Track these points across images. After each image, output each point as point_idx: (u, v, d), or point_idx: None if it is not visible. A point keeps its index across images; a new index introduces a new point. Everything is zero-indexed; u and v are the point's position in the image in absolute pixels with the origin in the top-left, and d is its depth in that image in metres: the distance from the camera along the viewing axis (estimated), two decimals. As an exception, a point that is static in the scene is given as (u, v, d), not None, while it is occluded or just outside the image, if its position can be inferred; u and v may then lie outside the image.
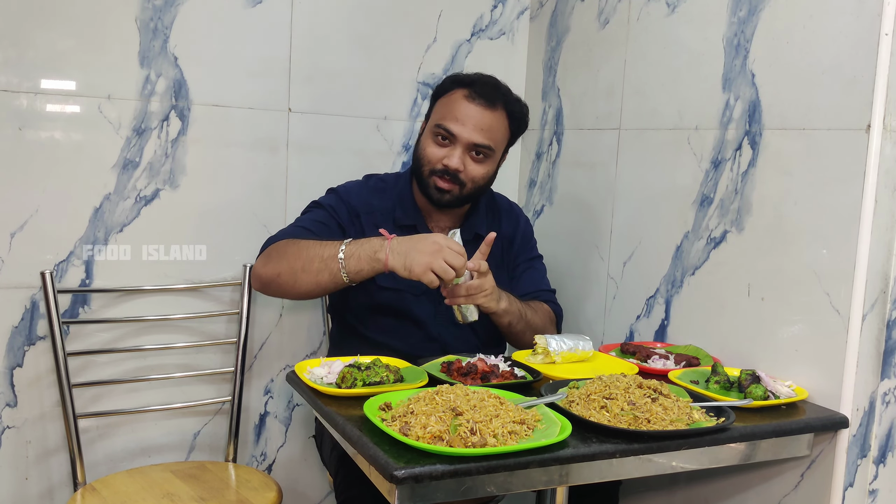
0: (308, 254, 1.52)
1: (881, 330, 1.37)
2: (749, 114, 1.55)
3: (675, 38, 1.73)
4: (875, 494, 1.41)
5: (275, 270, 1.56)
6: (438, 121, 1.66)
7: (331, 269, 1.49)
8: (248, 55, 1.89)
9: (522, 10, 2.21)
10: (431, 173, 1.66)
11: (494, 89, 1.68)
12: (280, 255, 1.56)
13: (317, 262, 1.51)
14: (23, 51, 1.67)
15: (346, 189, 1.75)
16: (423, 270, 1.43)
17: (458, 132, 1.64)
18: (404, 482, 1.02)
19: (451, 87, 1.70)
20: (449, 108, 1.66)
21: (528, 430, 1.13)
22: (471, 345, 1.73)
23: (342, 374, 1.33)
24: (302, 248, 1.54)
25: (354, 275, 1.49)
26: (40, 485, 1.80)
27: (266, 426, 2.03)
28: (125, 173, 1.79)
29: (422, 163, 1.68)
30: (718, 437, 1.22)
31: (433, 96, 1.75)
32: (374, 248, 1.48)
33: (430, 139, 1.67)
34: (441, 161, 1.65)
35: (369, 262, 1.47)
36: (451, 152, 1.65)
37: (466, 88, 1.67)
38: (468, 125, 1.64)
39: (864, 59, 1.32)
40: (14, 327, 1.74)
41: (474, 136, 1.64)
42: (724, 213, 1.60)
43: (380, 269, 1.48)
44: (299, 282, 1.53)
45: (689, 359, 1.56)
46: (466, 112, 1.64)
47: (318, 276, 1.51)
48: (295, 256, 1.53)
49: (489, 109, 1.65)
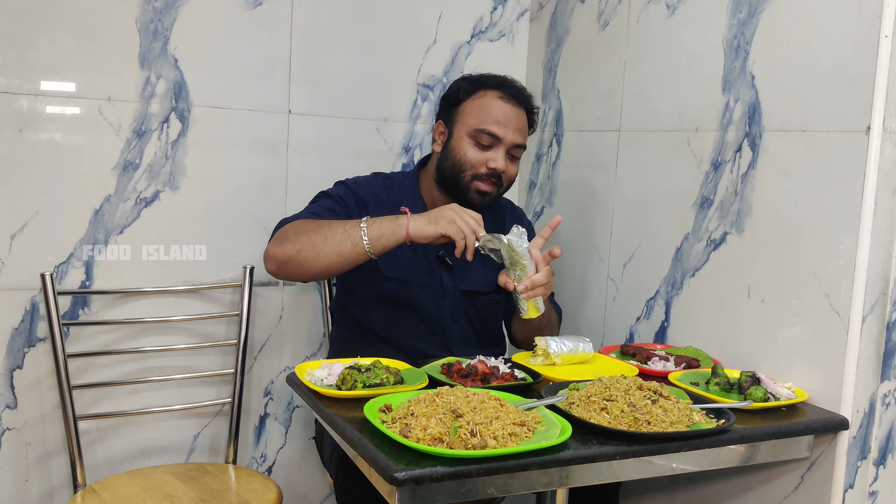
0: (329, 227, 1.53)
1: (881, 332, 1.37)
2: (749, 115, 1.55)
3: (675, 39, 1.73)
4: (875, 496, 1.41)
5: (293, 248, 1.54)
6: (478, 125, 1.66)
7: (353, 237, 1.50)
8: (249, 57, 1.89)
9: (522, 12, 2.21)
10: (475, 178, 1.67)
11: (520, 90, 1.72)
12: (298, 233, 1.55)
13: (339, 232, 1.51)
14: (23, 53, 1.68)
15: (356, 181, 1.75)
16: (447, 223, 1.46)
17: (503, 134, 1.65)
18: (404, 484, 1.02)
19: (475, 89, 1.70)
20: (486, 111, 1.67)
21: (528, 431, 1.13)
22: (471, 342, 1.73)
23: (342, 375, 1.33)
24: (322, 224, 1.55)
25: (376, 241, 1.49)
26: (40, 487, 1.80)
27: (266, 428, 2.03)
28: (125, 175, 1.79)
29: (463, 168, 1.67)
30: (718, 439, 1.22)
31: (450, 100, 1.74)
32: (396, 217, 1.51)
33: (468, 144, 1.67)
34: (485, 164, 1.66)
35: (391, 227, 1.49)
36: (496, 154, 1.66)
37: (497, 90, 1.69)
38: (510, 126, 1.66)
39: (864, 61, 1.32)
40: (14, 329, 1.74)
41: (516, 137, 1.67)
42: (724, 215, 1.60)
43: (401, 237, 1.48)
44: (320, 255, 1.52)
45: (689, 360, 1.56)
46: (506, 113, 1.66)
47: (341, 245, 1.50)
48: (315, 231, 1.53)
49: (521, 109, 1.69)
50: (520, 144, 1.69)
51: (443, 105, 1.77)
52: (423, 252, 1.71)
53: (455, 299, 1.72)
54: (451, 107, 1.73)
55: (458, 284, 1.72)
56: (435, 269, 1.71)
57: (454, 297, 1.72)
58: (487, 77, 1.72)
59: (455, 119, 1.71)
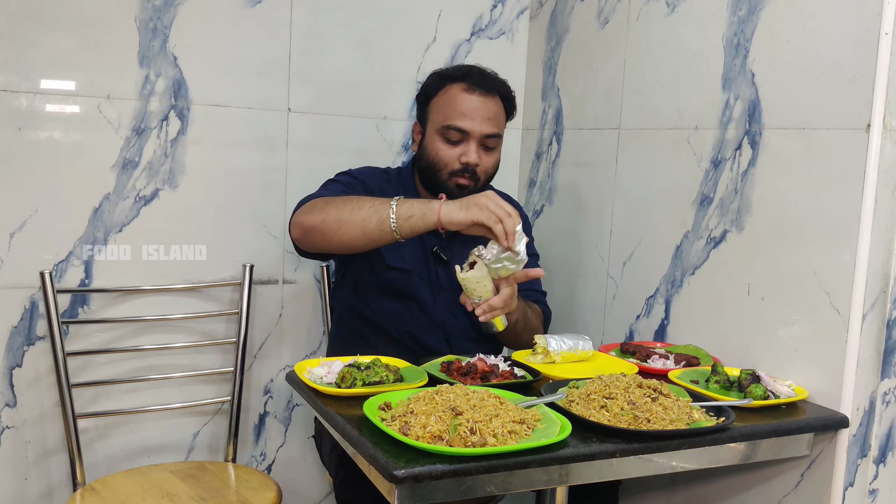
0: (358, 201, 1.49)
1: (881, 329, 1.37)
2: (749, 113, 1.54)
3: (675, 37, 1.73)
4: (875, 494, 1.41)
5: (319, 216, 1.51)
6: (444, 121, 1.65)
7: (380, 214, 1.45)
8: (248, 55, 1.89)
9: (522, 10, 2.20)
10: (451, 175, 1.65)
11: (486, 77, 1.68)
12: (327, 203, 1.53)
13: (367, 206, 1.47)
14: (22, 51, 1.67)
15: (359, 171, 1.75)
16: (479, 209, 1.39)
17: (470, 127, 1.63)
18: (404, 482, 1.02)
19: (441, 84, 1.69)
20: (452, 106, 1.65)
21: (527, 429, 1.13)
22: (470, 336, 1.73)
23: (342, 373, 1.33)
24: (352, 197, 1.53)
25: (404, 220, 1.43)
26: (40, 485, 1.80)
27: (266, 426, 2.03)
28: (125, 173, 1.79)
29: (438, 167, 1.66)
30: (718, 437, 1.22)
31: (422, 98, 1.73)
32: (429, 200, 1.45)
33: (438, 141, 1.66)
34: (457, 160, 1.64)
35: (421, 209, 1.43)
36: (466, 148, 1.64)
37: (462, 82, 1.66)
38: (477, 118, 1.63)
39: (864, 59, 1.32)
40: (13, 327, 1.74)
41: (485, 128, 1.64)
42: (723, 213, 1.60)
43: (431, 221, 1.42)
44: (344, 226, 1.48)
45: (688, 358, 1.55)
46: (471, 105, 1.64)
47: (366, 221, 1.46)
48: (344, 203, 1.50)
49: (489, 97, 1.66)
50: (491, 134, 1.65)
51: (417, 104, 1.76)
52: (420, 248, 1.71)
53: (452, 295, 1.72)
54: (423, 105, 1.73)
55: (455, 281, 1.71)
56: (431, 263, 1.71)
57: (451, 293, 1.72)
58: (453, 70, 1.70)
59: (427, 117, 1.71)
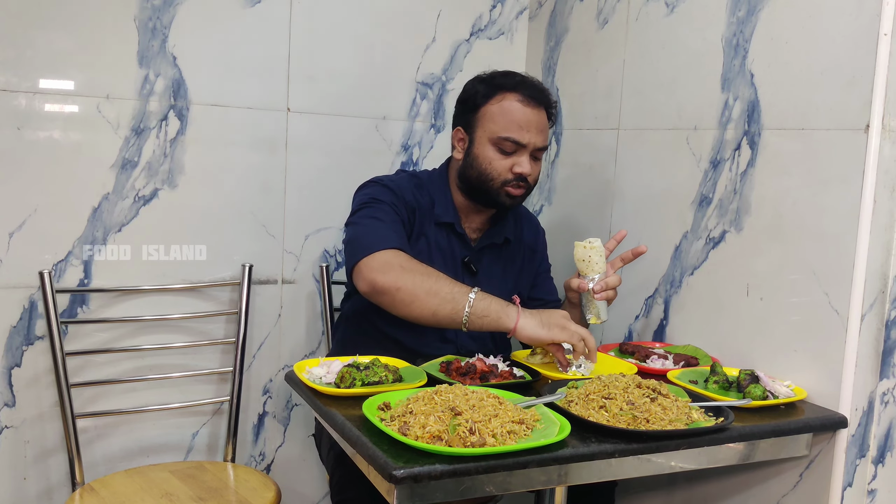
0: (437, 282, 1.48)
1: (880, 330, 1.37)
2: (748, 114, 1.55)
3: (674, 38, 1.73)
4: (874, 494, 1.41)
5: (396, 283, 1.48)
6: (501, 132, 1.62)
7: (455, 304, 1.45)
8: (247, 55, 1.89)
9: (521, 10, 2.21)
10: (503, 184, 1.64)
11: (540, 90, 1.67)
12: (404, 269, 1.49)
13: (444, 291, 1.46)
14: (21, 50, 1.67)
15: (396, 184, 1.68)
16: (560, 329, 1.43)
17: (527, 140, 1.62)
18: (403, 482, 1.02)
19: (493, 92, 1.65)
20: (508, 117, 1.62)
21: (526, 429, 1.13)
22: (486, 348, 1.72)
23: (341, 373, 1.33)
24: (431, 273, 1.49)
25: (477, 318, 1.45)
26: (39, 485, 1.80)
27: (265, 426, 2.03)
28: (124, 173, 1.79)
29: (490, 176, 1.64)
30: (717, 437, 1.22)
31: (468, 105, 1.68)
32: (504, 304, 1.46)
33: (491, 151, 1.63)
34: (511, 170, 1.63)
35: (498, 313, 1.45)
36: (520, 159, 1.63)
37: (516, 92, 1.64)
38: (532, 130, 1.63)
39: (863, 59, 1.32)
40: (12, 327, 1.74)
41: (539, 140, 1.64)
42: (722, 213, 1.60)
43: (506, 327, 1.45)
44: (416, 304, 1.47)
45: (687, 359, 1.56)
46: (528, 118, 1.62)
47: (440, 307, 1.46)
48: (424, 277, 1.48)
49: (541, 109, 1.65)
50: (542, 147, 1.66)
51: (460, 110, 1.72)
52: (451, 257, 1.70)
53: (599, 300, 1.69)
54: (470, 112, 1.68)
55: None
56: (460, 274, 1.69)
57: None
58: (504, 78, 1.67)
59: (475, 125, 1.67)
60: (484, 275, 1.72)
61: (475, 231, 1.74)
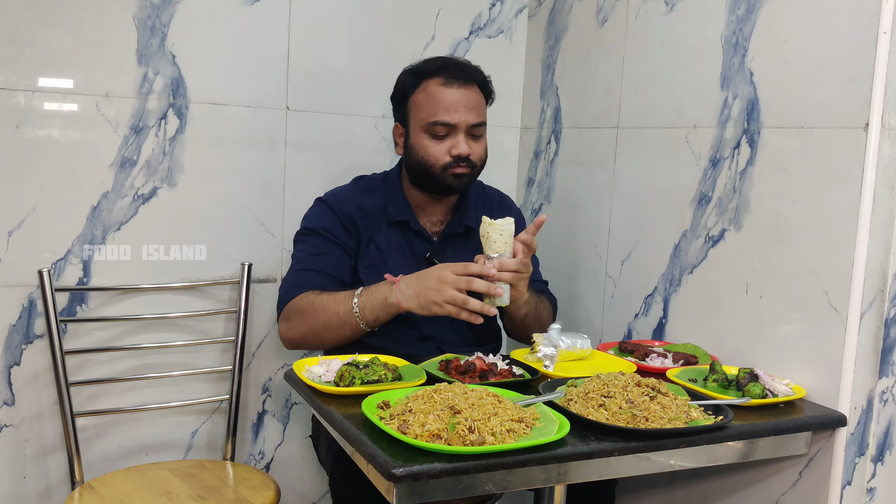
0: (325, 314, 1.56)
1: (879, 328, 1.37)
2: (747, 112, 1.54)
3: (674, 36, 1.73)
4: (873, 493, 1.41)
5: (299, 332, 1.60)
6: (428, 118, 1.64)
7: (350, 323, 1.54)
8: (246, 53, 1.88)
9: (521, 9, 2.20)
10: (444, 168, 1.64)
11: (461, 67, 1.67)
12: (299, 315, 1.59)
13: (335, 320, 1.55)
14: (20, 49, 1.67)
15: (337, 197, 1.72)
16: (439, 308, 1.47)
17: (456, 120, 1.63)
18: (402, 480, 1.02)
19: (418, 81, 1.67)
20: (433, 102, 1.64)
21: (526, 428, 1.13)
22: (467, 339, 1.72)
23: (340, 372, 1.33)
24: (318, 308, 1.57)
25: (373, 323, 1.54)
26: (38, 483, 1.80)
27: (264, 425, 2.03)
28: (123, 172, 1.79)
29: (429, 163, 1.65)
30: (716, 436, 1.22)
31: (398, 99, 1.72)
32: (385, 294, 1.52)
33: (425, 139, 1.65)
34: (448, 153, 1.64)
35: (384, 308, 1.52)
36: (455, 141, 1.64)
37: (439, 76, 1.65)
38: (460, 110, 1.63)
39: (862, 58, 1.32)
40: (12, 326, 1.74)
41: (470, 118, 1.64)
42: (722, 212, 1.60)
43: (394, 307, 1.52)
44: (326, 339, 1.59)
45: (687, 357, 1.56)
46: (453, 99, 1.63)
47: (341, 331, 1.56)
48: (312, 317, 1.57)
49: (468, 87, 1.65)
50: (476, 123, 1.65)
51: (394, 105, 1.75)
52: (411, 255, 1.71)
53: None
54: (401, 105, 1.71)
55: None
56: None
57: None
58: (427, 65, 1.69)
59: (407, 117, 1.69)
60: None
61: (436, 224, 1.75)
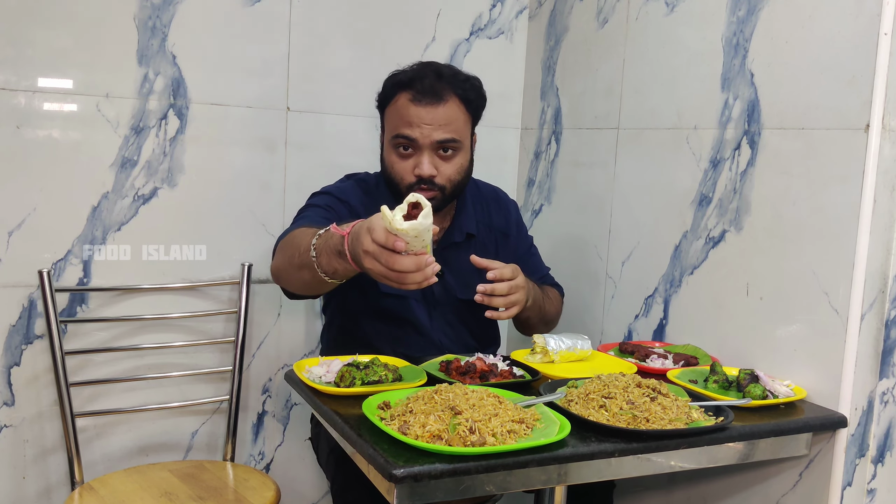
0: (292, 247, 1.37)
1: (880, 329, 1.37)
2: (748, 113, 1.55)
3: (674, 37, 1.73)
4: (873, 494, 1.41)
5: (275, 264, 1.47)
6: (393, 130, 1.57)
7: (308, 265, 1.31)
8: (247, 54, 1.88)
9: (521, 10, 2.20)
10: (409, 188, 1.56)
11: (437, 80, 1.56)
12: (281, 248, 1.46)
13: (296, 256, 1.35)
14: (21, 49, 1.67)
15: (340, 190, 1.67)
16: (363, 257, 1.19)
17: (418, 136, 1.54)
18: (403, 481, 1.02)
19: (393, 92, 1.60)
20: (399, 115, 1.57)
21: (526, 429, 1.13)
22: (469, 346, 1.72)
23: (341, 373, 1.33)
24: (293, 238, 1.40)
25: (332, 275, 1.29)
26: (38, 484, 1.80)
27: (264, 425, 2.03)
28: (123, 172, 1.79)
29: (395, 180, 1.59)
30: (717, 437, 1.22)
31: (379, 107, 1.66)
32: (336, 245, 1.25)
33: (392, 153, 1.59)
34: (412, 172, 1.56)
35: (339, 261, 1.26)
36: (419, 160, 1.55)
37: (408, 91, 1.56)
38: (424, 126, 1.54)
39: (863, 59, 1.32)
40: (12, 326, 1.74)
41: (435, 135, 1.55)
42: (722, 213, 1.60)
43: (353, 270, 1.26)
44: (293, 278, 1.41)
45: (687, 358, 1.56)
46: (418, 114, 1.54)
47: (300, 272, 1.35)
48: (288, 248, 1.41)
49: (439, 104, 1.55)
50: (443, 140, 1.55)
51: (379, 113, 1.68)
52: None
53: (448, 307, 1.68)
54: (381, 113, 1.65)
55: (455, 293, 1.68)
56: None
57: (447, 306, 1.69)
58: (403, 75, 1.60)
59: (383, 127, 1.64)
60: (452, 275, 1.66)
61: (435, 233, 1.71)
